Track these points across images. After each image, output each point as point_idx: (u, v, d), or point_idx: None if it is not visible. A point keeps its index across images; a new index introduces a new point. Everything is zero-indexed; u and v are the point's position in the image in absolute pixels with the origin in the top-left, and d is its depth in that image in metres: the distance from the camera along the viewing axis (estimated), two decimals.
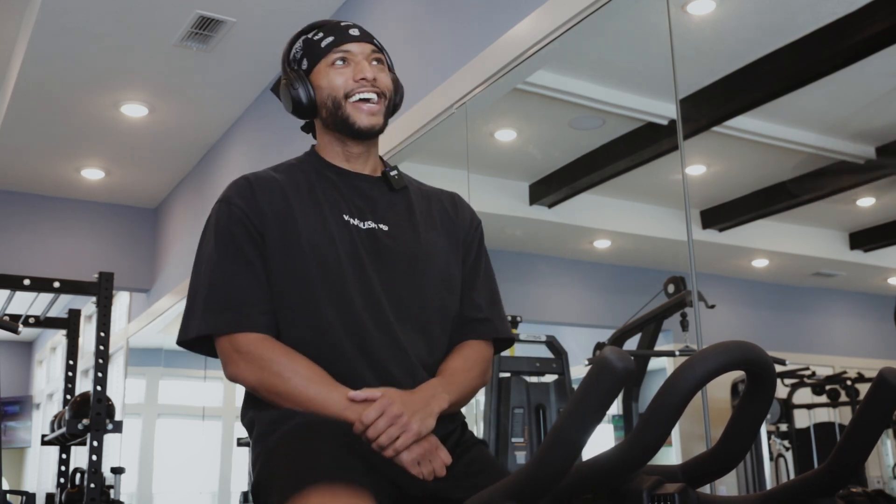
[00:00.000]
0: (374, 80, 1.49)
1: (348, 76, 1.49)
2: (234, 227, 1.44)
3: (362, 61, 1.50)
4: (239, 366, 1.39)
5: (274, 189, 1.48)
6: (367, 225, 1.48)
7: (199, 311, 1.42)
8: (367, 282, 1.43)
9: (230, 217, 1.45)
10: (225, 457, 6.03)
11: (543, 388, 2.88)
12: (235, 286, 1.41)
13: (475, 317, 1.54)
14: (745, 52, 2.89)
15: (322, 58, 1.51)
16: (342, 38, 1.51)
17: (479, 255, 1.60)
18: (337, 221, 1.46)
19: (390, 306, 1.44)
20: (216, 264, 1.44)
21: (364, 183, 1.53)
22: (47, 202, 6.46)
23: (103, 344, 3.78)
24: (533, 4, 2.72)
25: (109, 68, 4.65)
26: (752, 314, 3.67)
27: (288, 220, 1.44)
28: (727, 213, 3.35)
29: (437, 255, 1.52)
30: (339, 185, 1.51)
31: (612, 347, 0.84)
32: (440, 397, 1.38)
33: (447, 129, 3.16)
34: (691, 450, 2.93)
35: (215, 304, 1.41)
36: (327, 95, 1.50)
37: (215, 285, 1.43)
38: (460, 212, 1.61)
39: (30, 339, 11.43)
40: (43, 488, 8.97)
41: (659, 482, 0.93)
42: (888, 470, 3.20)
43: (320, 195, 1.49)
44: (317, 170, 1.53)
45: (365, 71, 1.49)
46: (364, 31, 1.55)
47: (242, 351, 1.39)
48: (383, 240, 1.47)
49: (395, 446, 1.29)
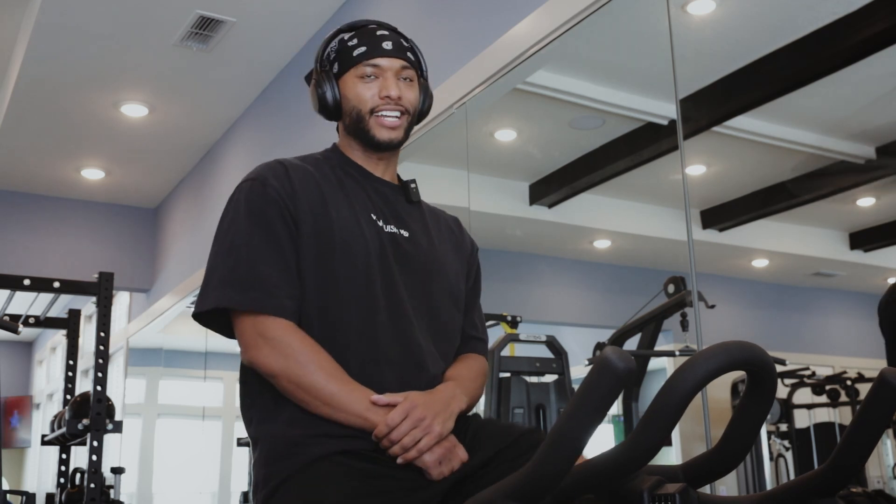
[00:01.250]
0: (399, 98, 1.50)
1: (375, 91, 1.49)
2: (268, 208, 1.41)
3: (391, 77, 1.50)
4: (262, 351, 1.35)
5: (308, 178, 1.46)
6: (389, 228, 1.49)
7: (221, 284, 1.38)
8: (392, 283, 1.44)
9: (264, 196, 1.42)
10: (225, 457, 6.03)
11: (543, 388, 2.88)
12: (265, 266, 1.38)
13: (472, 335, 1.59)
14: (745, 52, 2.89)
15: (352, 67, 1.51)
16: (373, 52, 1.50)
17: (477, 279, 1.65)
18: (366, 219, 1.47)
19: (412, 309, 1.45)
20: (245, 241, 1.40)
21: (386, 188, 1.55)
22: (47, 202, 6.46)
23: (103, 344, 3.79)
24: (533, 4, 2.72)
25: (109, 68, 4.65)
26: (752, 314, 3.67)
27: (322, 211, 1.43)
28: (727, 213, 3.35)
29: (448, 268, 1.55)
30: (363, 185, 1.52)
31: (613, 347, 0.84)
32: (459, 398, 1.40)
33: (447, 129, 3.16)
34: (691, 450, 2.92)
35: (240, 280, 1.37)
36: (352, 107, 1.51)
37: (241, 261, 1.38)
38: (464, 235, 1.67)
39: (30, 339, 11.43)
40: (43, 488, 8.98)
41: (659, 482, 0.93)
42: (888, 470, 3.20)
43: (349, 192, 1.49)
44: (342, 167, 1.54)
45: (390, 89, 1.49)
46: (398, 44, 1.53)
47: (268, 336, 1.35)
48: (405, 245, 1.49)
49: (418, 447, 1.30)
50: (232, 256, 1.39)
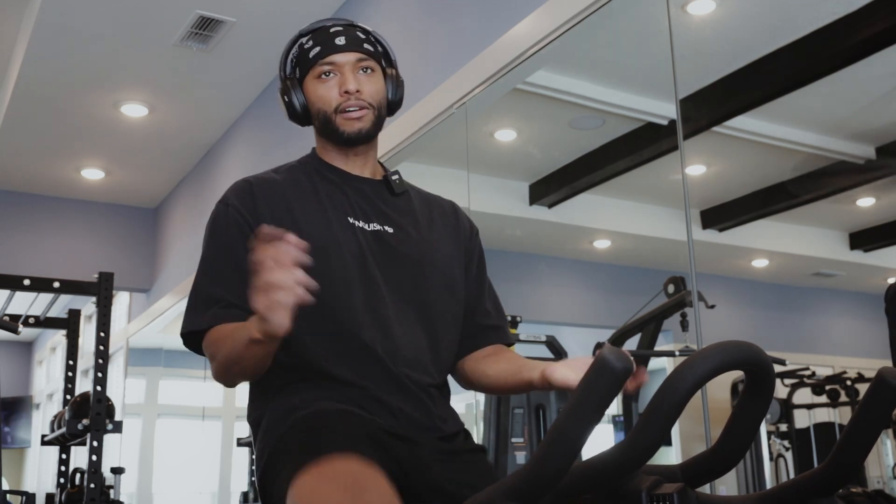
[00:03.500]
0: (358, 91, 1.49)
1: (336, 89, 1.49)
2: (229, 229, 1.45)
3: (348, 72, 1.49)
4: (211, 363, 1.39)
5: (275, 191, 1.48)
6: (372, 227, 1.48)
7: (187, 310, 1.44)
8: (372, 284, 1.43)
9: (226, 218, 1.46)
10: (225, 457, 6.03)
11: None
12: (219, 286, 1.41)
13: (487, 323, 1.57)
14: (745, 52, 2.89)
15: (309, 69, 1.52)
16: (327, 49, 1.50)
17: (481, 264, 1.63)
18: (341, 223, 1.46)
19: (393, 306, 1.44)
20: (208, 265, 1.45)
21: (366, 186, 1.54)
22: (47, 202, 6.46)
23: (103, 344, 3.79)
24: (533, 4, 2.72)
25: (109, 68, 4.65)
26: (752, 314, 3.67)
27: (288, 223, 1.43)
28: (727, 213, 3.35)
29: (441, 258, 1.53)
30: (342, 187, 1.51)
31: (612, 347, 0.84)
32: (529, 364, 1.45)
33: (447, 130, 3.16)
34: (691, 450, 2.93)
35: (200, 303, 1.42)
36: (318, 109, 1.51)
37: (202, 285, 1.44)
38: (461, 219, 1.63)
39: (30, 339, 11.43)
40: (43, 488, 8.97)
41: (658, 482, 0.93)
42: (888, 470, 3.20)
43: (324, 197, 1.49)
44: (319, 172, 1.53)
45: (348, 83, 1.48)
46: (351, 37, 1.52)
47: (208, 347, 1.39)
48: (390, 242, 1.48)
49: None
50: (196, 281, 1.45)
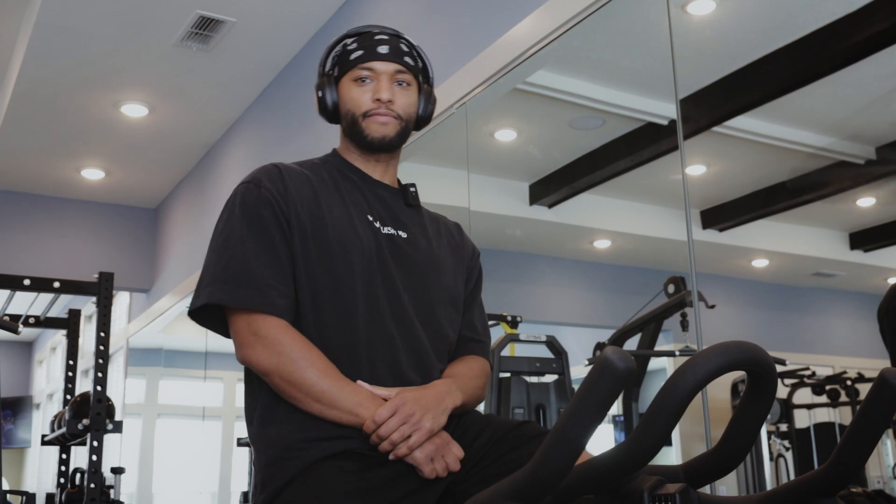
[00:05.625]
0: (390, 101, 1.51)
1: (369, 95, 1.51)
2: (262, 209, 1.43)
3: (384, 81, 1.52)
4: (255, 349, 1.36)
5: (302, 180, 1.49)
6: (387, 230, 1.50)
7: (216, 281, 1.39)
8: (391, 281, 1.45)
9: (259, 198, 1.44)
10: (225, 457, 6.03)
11: (543, 389, 2.88)
12: (259, 265, 1.39)
13: (472, 336, 1.60)
14: (745, 52, 2.89)
15: (348, 71, 1.53)
16: (369, 55, 1.52)
17: (478, 284, 1.66)
18: (362, 220, 1.48)
19: (413, 307, 1.46)
20: (240, 240, 1.41)
21: (384, 191, 1.57)
22: (47, 202, 6.46)
23: (103, 344, 3.79)
24: (533, 4, 2.72)
25: (109, 68, 4.64)
26: (752, 314, 3.67)
27: (316, 212, 1.45)
28: (727, 213, 3.35)
29: (447, 271, 1.56)
30: (361, 188, 1.54)
31: (614, 347, 0.84)
32: (454, 394, 1.40)
33: (447, 129, 3.16)
34: (692, 450, 2.92)
35: (233, 278, 1.38)
36: (347, 110, 1.53)
37: (235, 259, 1.40)
38: (465, 240, 1.67)
39: (30, 339, 11.43)
40: (43, 488, 8.98)
41: (660, 482, 0.93)
42: (888, 470, 3.20)
43: (345, 193, 1.51)
44: (340, 170, 1.56)
45: (382, 92, 1.50)
46: (395, 48, 1.54)
47: (261, 334, 1.36)
48: (403, 247, 1.50)
49: (408, 444, 1.30)
50: (225, 255, 1.41)
